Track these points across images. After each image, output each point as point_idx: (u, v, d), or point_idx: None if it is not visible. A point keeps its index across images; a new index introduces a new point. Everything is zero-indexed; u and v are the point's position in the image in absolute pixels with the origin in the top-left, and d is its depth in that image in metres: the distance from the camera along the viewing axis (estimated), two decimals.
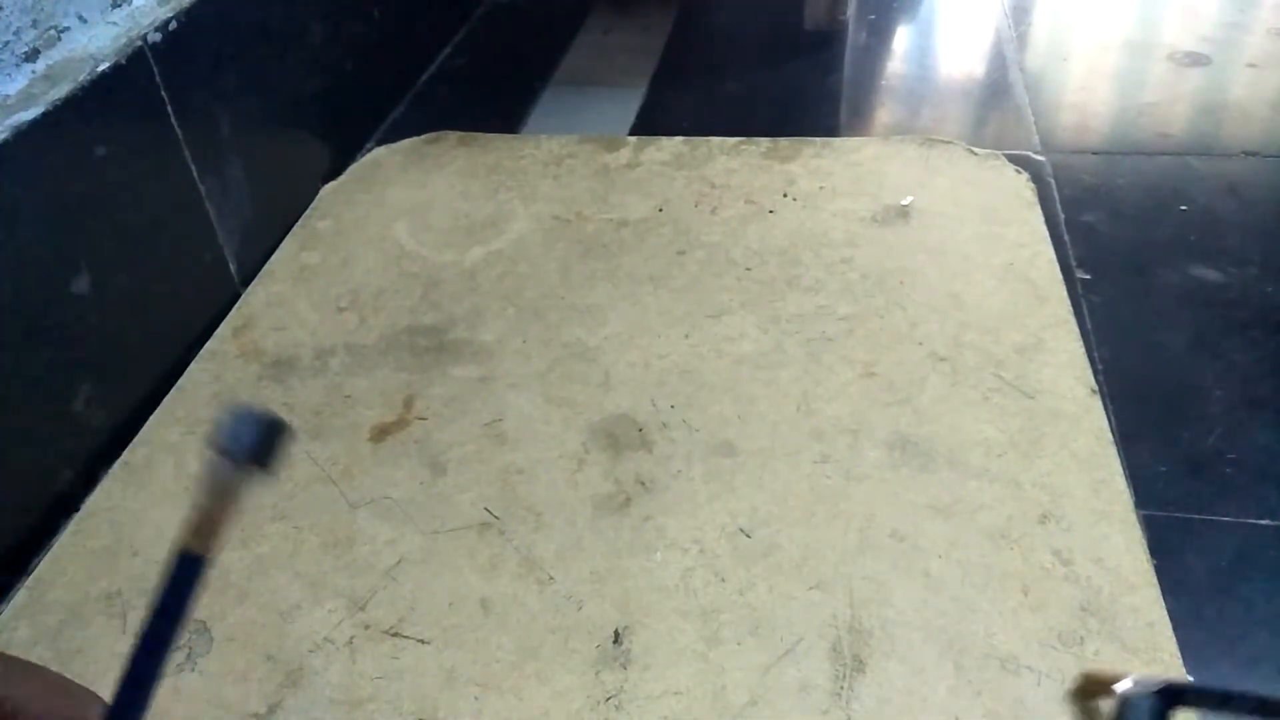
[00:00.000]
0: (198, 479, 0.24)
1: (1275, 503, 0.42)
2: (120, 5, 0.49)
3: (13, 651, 0.37)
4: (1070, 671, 0.35)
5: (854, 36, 0.88)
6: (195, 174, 0.53)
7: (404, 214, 0.62)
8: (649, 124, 0.74)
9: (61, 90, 0.44)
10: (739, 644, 0.37)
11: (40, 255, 0.43)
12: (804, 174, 0.64)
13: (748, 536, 0.41)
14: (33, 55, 0.44)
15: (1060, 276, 0.53)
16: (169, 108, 0.50)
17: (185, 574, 0.23)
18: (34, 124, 0.42)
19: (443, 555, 0.40)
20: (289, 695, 0.36)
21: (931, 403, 0.46)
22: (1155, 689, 0.26)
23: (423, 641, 0.37)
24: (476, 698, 0.35)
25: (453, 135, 0.71)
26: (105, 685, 0.23)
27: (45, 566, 0.41)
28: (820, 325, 0.51)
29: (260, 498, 0.43)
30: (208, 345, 0.52)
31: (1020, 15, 0.90)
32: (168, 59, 0.50)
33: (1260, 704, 0.26)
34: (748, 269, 0.56)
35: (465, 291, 0.55)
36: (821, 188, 0.63)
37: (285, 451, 0.24)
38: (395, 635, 0.37)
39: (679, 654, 0.36)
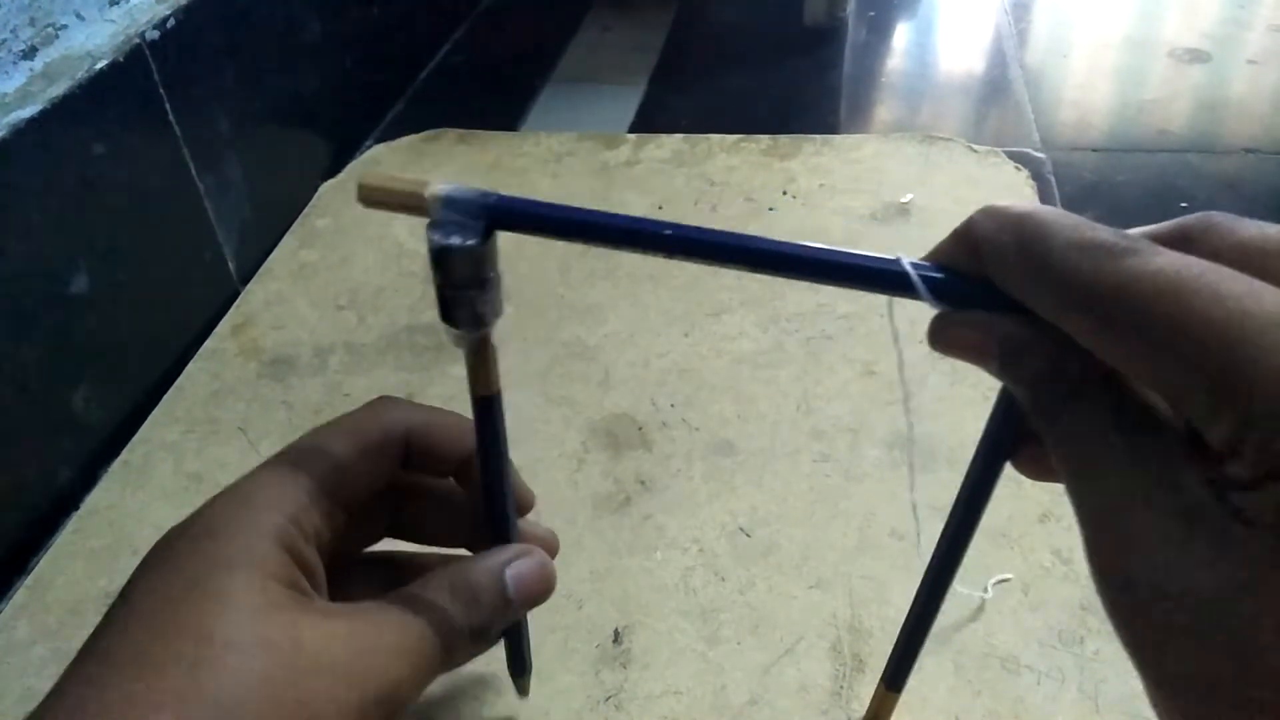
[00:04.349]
0: (453, 342, 0.25)
1: None
2: (118, 3, 0.48)
3: (12, 651, 0.37)
4: (1070, 671, 0.35)
5: (853, 33, 0.87)
6: (194, 172, 0.53)
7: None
8: (648, 121, 0.74)
9: (59, 88, 0.43)
10: (739, 643, 0.37)
11: (38, 254, 0.43)
12: (804, 171, 0.64)
13: (748, 536, 0.41)
14: (30, 53, 0.44)
15: None
16: (167, 105, 0.50)
17: (487, 413, 0.27)
18: (31, 122, 0.42)
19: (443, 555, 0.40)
20: None
21: (932, 401, 0.46)
22: (479, 200, 0.21)
23: None
24: (476, 697, 0.35)
25: (452, 133, 0.71)
26: None
27: (45, 565, 0.41)
28: (820, 324, 0.51)
29: None
30: (207, 344, 0.52)
31: (1020, 12, 0.90)
32: (166, 57, 0.50)
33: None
34: None
35: None
36: (821, 185, 0.63)
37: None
38: None
39: (679, 653, 0.36)
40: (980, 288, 0.20)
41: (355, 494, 0.27)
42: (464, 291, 0.23)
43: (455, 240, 0.21)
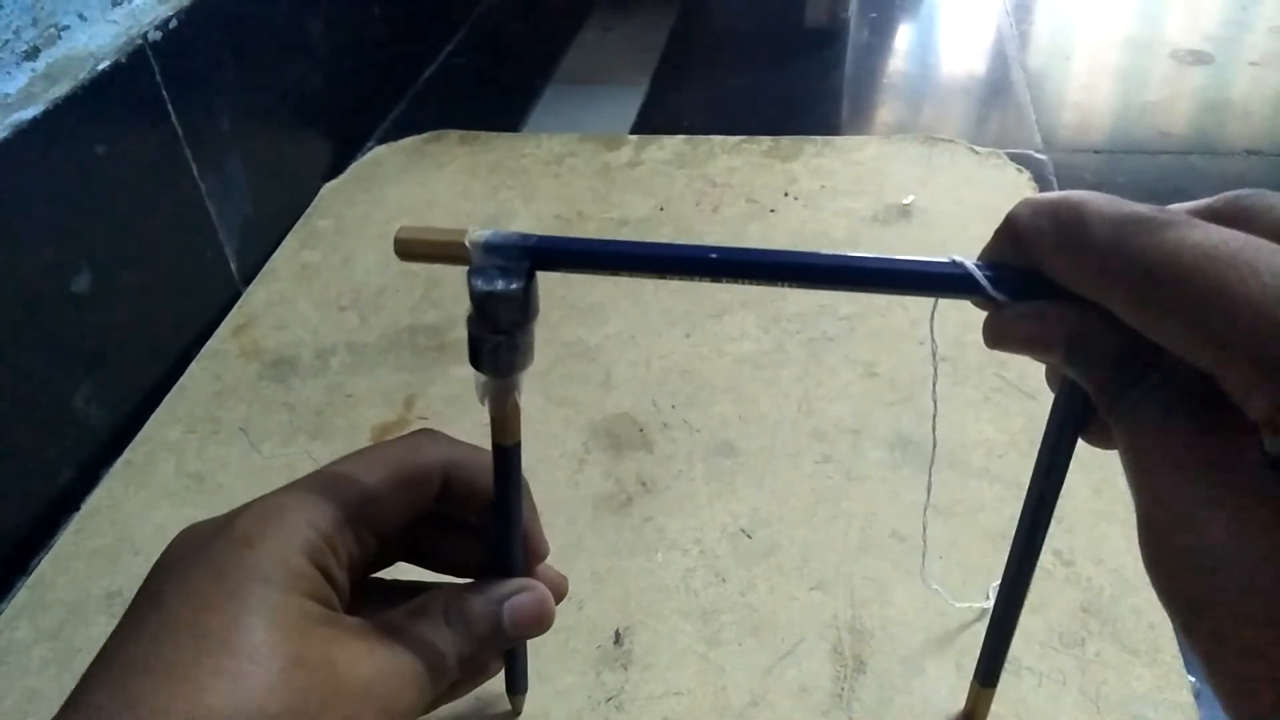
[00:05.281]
0: (479, 391, 0.25)
1: None
2: (121, 3, 0.49)
3: (13, 651, 0.37)
4: (1071, 673, 0.35)
5: (855, 34, 0.87)
6: (196, 172, 0.53)
7: (405, 213, 0.62)
8: (650, 122, 0.74)
9: (62, 89, 0.43)
10: (739, 644, 0.37)
11: (40, 253, 0.43)
12: (805, 173, 0.64)
13: (749, 537, 0.41)
14: (33, 53, 0.44)
15: None
16: (169, 106, 0.50)
17: (507, 461, 0.27)
18: (34, 122, 0.42)
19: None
20: None
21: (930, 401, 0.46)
22: (521, 243, 0.21)
23: None
24: (478, 698, 0.35)
25: (453, 134, 0.71)
26: None
27: (46, 565, 0.41)
28: (821, 325, 0.51)
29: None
30: (208, 344, 0.52)
31: (1022, 13, 0.90)
32: (168, 57, 0.50)
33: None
34: None
35: (466, 291, 0.55)
36: (823, 186, 0.63)
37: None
38: None
39: (680, 654, 0.36)
40: (1035, 280, 0.20)
41: (387, 523, 0.27)
42: (501, 337, 0.23)
43: (499, 285, 0.21)
